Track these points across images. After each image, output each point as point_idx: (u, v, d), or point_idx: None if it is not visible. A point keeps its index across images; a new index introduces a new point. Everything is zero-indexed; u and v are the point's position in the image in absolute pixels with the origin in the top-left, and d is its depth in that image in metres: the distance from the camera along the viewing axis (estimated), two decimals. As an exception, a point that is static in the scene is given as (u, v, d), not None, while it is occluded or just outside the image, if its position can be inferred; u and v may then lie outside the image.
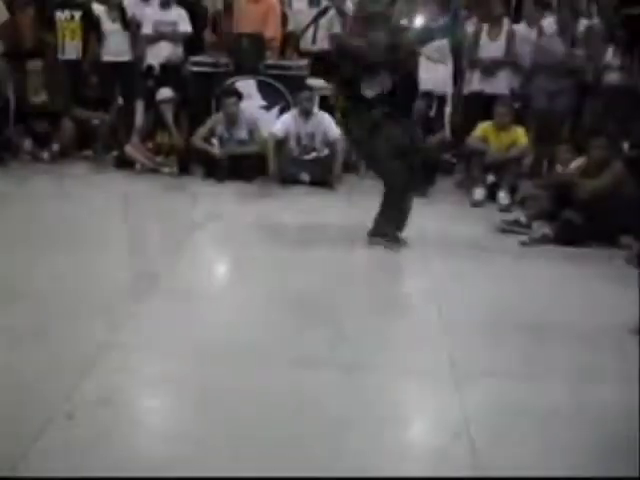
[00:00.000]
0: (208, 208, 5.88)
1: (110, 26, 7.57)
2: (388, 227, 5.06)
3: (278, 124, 6.76)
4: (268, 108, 7.23)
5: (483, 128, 6.54)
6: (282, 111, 7.09)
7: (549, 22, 7.05)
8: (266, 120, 6.99)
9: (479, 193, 6.38)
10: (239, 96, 6.89)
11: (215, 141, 6.87)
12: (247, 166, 6.69)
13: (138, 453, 2.68)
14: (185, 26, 7.68)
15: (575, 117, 6.99)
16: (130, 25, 7.67)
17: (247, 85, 7.23)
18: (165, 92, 7.00)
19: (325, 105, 6.82)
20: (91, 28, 7.52)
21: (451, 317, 4.05)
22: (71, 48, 7.49)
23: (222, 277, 4.85)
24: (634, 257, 4.95)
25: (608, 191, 5.42)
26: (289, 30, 7.98)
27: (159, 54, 7.67)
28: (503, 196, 6.29)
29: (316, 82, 7.12)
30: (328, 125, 6.66)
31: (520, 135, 6.48)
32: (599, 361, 3.65)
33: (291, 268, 4.67)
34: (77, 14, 7.49)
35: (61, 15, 7.45)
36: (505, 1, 7.77)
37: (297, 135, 6.73)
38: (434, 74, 7.16)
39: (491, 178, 6.47)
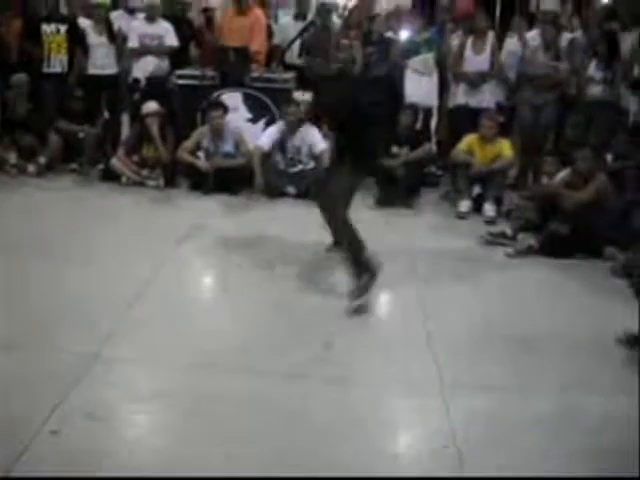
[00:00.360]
0: (193, 221, 5.86)
1: (96, 39, 7.57)
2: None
3: (264, 137, 6.77)
4: (254, 121, 7.24)
5: (468, 141, 6.58)
6: (268, 124, 7.10)
7: (533, 35, 7.11)
8: (252, 133, 7.00)
9: (465, 205, 6.40)
10: (225, 109, 6.89)
11: (201, 154, 6.86)
12: (233, 179, 6.69)
13: (124, 467, 2.67)
14: (171, 40, 7.69)
15: (559, 129, 7.05)
16: (116, 38, 7.68)
17: (233, 98, 7.24)
18: (151, 105, 6.99)
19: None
20: (77, 41, 7.52)
21: (438, 329, 4.06)
22: (57, 61, 7.49)
23: (206, 290, 4.84)
24: (619, 268, 4.98)
25: (592, 203, 5.47)
26: (275, 43, 8.02)
27: (145, 67, 7.67)
28: (489, 208, 6.31)
29: (302, 95, 7.13)
30: (314, 138, 6.67)
31: (505, 147, 6.52)
32: (587, 372, 3.66)
33: (276, 281, 4.67)
34: (63, 27, 7.49)
35: (47, 28, 7.45)
36: (489, 15, 7.84)
37: (283, 148, 6.74)
38: (419, 87, 7.22)
39: (477, 190, 6.50)
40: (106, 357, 3.52)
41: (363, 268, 4.31)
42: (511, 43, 7.35)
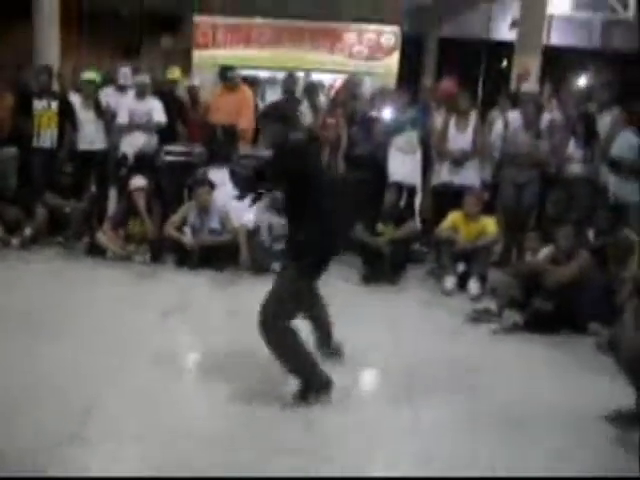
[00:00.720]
0: (178, 297, 5.84)
1: (85, 115, 7.70)
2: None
3: (250, 214, 6.81)
4: (240, 198, 7.28)
5: (453, 218, 6.65)
6: (254, 201, 7.12)
7: (514, 115, 7.28)
8: (238, 210, 7.03)
9: (450, 282, 6.43)
10: (212, 185, 6.95)
11: (187, 230, 6.89)
12: (219, 255, 6.70)
13: None
14: (159, 116, 7.83)
15: (541, 207, 7.15)
16: (104, 114, 7.80)
17: (220, 174, 7.31)
18: (138, 181, 7.05)
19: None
20: (67, 117, 7.63)
21: (423, 407, 4.03)
22: (46, 136, 7.59)
23: (187, 369, 4.77)
24: (604, 344, 4.98)
25: (576, 279, 5.51)
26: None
27: (133, 143, 7.79)
28: (473, 285, 6.34)
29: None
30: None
31: (489, 224, 6.59)
32: (572, 449, 3.65)
33: (259, 363, 4.63)
34: (54, 103, 7.62)
35: (38, 104, 7.57)
36: (472, 94, 8.04)
37: (269, 225, 6.77)
38: (403, 165, 7.33)
39: (461, 267, 6.53)
40: (83, 437, 3.47)
41: (308, 384, 3.96)
42: (499, 123, 7.52)
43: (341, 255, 6.92)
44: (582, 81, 16.81)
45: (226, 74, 8.39)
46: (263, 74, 12.85)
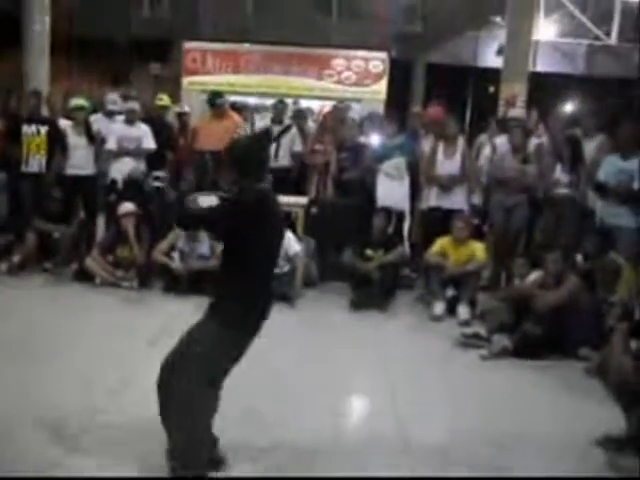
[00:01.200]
0: (166, 323, 5.80)
1: (75, 140, 7.71)
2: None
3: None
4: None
5: (441, 243, 6.67)
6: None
7: (502, 141, 7.34)
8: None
9: (439, 307, 6.43)
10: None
11: (176, 255, 6.87)
12: (208, 281, 6.66)
13: None
14: (149, 142, 7.85)
15: (529, 231, 7.18)
16: (95, 140, 7.81)
17: (209, 200, 7.29)
18: (127, 206, 7.04)
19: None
20: (56, 142, 7.63)
21: (412, 433, 4.01)
22: (35, 162, 7.59)
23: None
24: (593, 368, 4.99)
25: (565, 304, 5.52)
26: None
27: (122, 169, 7.80)
28: (462, 310, 6.34)
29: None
30: (288, 241, 6.71)
31: (478, 249, 6.62)
32: (561, 473, 3.63)
33: (246, 386, 4.60)
34: (43, 129, 7.63)
35: (28, 130, 7.58)
36: (460, 120, 8.10)
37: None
38: (392, 191, 7.35)
39: (450, 292, 6.54)
40: (67, 466, 3.43)
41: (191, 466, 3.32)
42: (487, 148, 7.57)
43: (330, 281, 6.97)
44: (568, 107, 16.97)
45: (215, 100, 8.43)
46: (252, 100, 12.92)
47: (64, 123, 7.90)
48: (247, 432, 3.88)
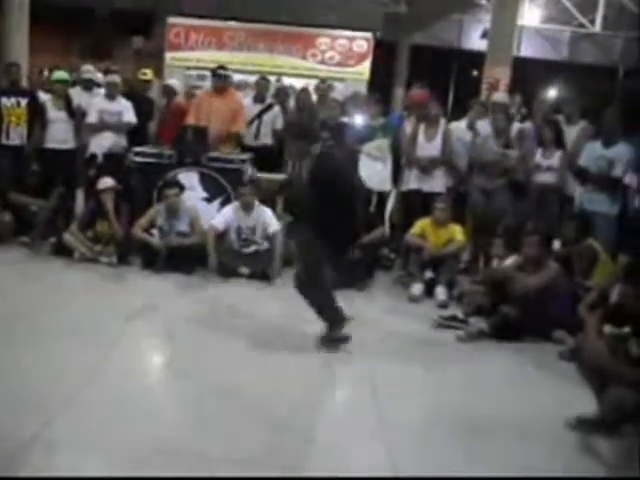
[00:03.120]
0: (145, 299, 5.79)
1: (55, 114, 7.61)
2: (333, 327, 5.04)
3: (219, 217, 6.78)
4: (209, 200, 7.26)
5: (421, 225, 6.70)
6: (223, 204, 7.12)
7: (483, 124, 7.35)
8: (207, 212, 7.02)
9: (417, 288, 6.46)
10: (181, 188, 6.91)
11: (155, 232, 6.84)
12: (186, 258, 6.66)
13: None
14: (129, 117, 7.79)
15: (509, 215, 7.20)
16: (75, 114, 7.73)
17: (189, 177, 7.27)
18: (106, 181, 6.99)
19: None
20: (36, 115, 7.54)
21: (389, 415, 4.04)
22: (15, 134, 7.50)
23: (155, 373, 4.74)
24: (567, 352, 5.05)
25: (543, 288, 5.56)
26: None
27: (103, 143, 7.74)
28: (440, 291, 6.38)
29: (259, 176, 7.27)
30: (268, 219, 6.71)
31: (457, 232, 6.64)
32: (537, 457, 3.68)
33: (226, 362, 4.62)
34: (23, 101, 7.53)
35: (7, 102, 7.48)
36: (442, 102, 8.09)
37: (238, 228, 6.75)
38: (374, 172, 7.34)
39: (429, 274, 6.56)
40: (45, 440, 3.41)
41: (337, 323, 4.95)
42: (458, 129, 7.56)
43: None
44: (551, 93, 17.05)
45: (220, 75, 8.10)
46: (235, 77, 12.82)
47: (43, 97, 7.80)
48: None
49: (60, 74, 7.86)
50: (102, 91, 8.06)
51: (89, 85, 8.38)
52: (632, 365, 3.73)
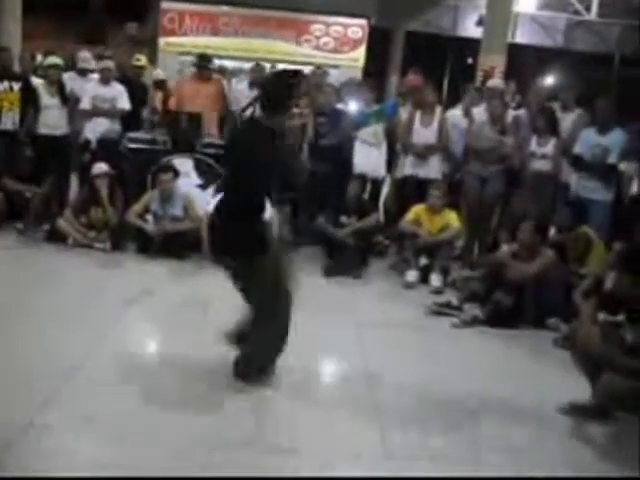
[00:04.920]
0: (140, 285, 5.77)
1: (48, 100, 7.56)
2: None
3: (214, 203, 6.75)
4: (204, 187, 7.25)
5: (416, 211, 6.69)
6: (218, 190, 7.09)
7: (479, 111, 7.34)
8: (202, 199, 6.99)
9: (412, 275, 6.46)
10: (175, 173, 6.89)
11: (149, 217, 6.82)
12: (181, 243, 6.64)
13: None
14: (123, 102, 7.75)
15: (504, 202, 7.21)
16: (69, 99, 7.68)
17: (184, 163, 7.25)
18: (100, 167, 6.96)
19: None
20: (29, 100, 7.49)
21: (383, 399, 4.05)
22: (8, 119, 7.45)
23: (150, 359, 4.73)
24: (561, 339, 5.06)
25: (539, 277, 5.57)
26: (229, 110, 8.14)
27: (96, 129, 7.70)
28: (435, 278, 6.38)
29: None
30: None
31: (452, 218, 6.64)
32: (530, 442, 3.69)
33: (220, 347, 4.61)
34: (16, 85, 7.48)
35: (0, 86, 7.42)
36: (437, 89, 8.07)
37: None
38: (368, 157, 7.33)
39: (424, 260, 6.56)
40: (40, 424, 3.41)
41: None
42: (454, 116, 7.54)
43: (303, 247, 6.97)
44: (547, 80, 17.02)
45: (202, 63, 8.25)
46: (229, 63, 12.77)
47: (36, 82, 7.75)
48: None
49: (53, 59, 7.80)
50: (96, 76, 8.00)
51: (85, 72, 8.33)
52: (627, 352, 3.73)
